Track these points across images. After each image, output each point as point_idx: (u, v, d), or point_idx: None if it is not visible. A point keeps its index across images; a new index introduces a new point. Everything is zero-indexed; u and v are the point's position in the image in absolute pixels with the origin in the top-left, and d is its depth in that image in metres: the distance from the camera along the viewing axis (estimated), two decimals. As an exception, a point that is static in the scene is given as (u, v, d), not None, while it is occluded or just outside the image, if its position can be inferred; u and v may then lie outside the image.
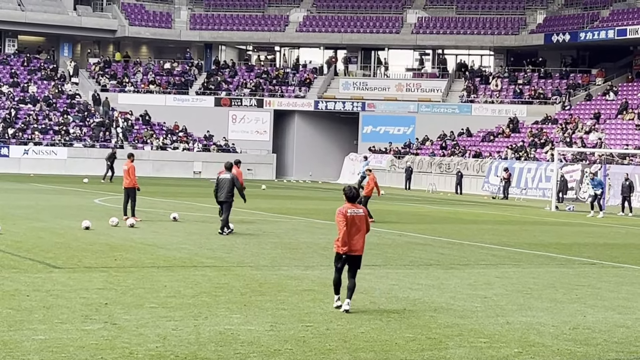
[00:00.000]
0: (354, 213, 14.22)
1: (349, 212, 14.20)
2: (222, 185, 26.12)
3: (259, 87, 77.11)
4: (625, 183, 44.73)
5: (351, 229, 14.17)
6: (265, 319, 13.35)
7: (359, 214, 14.29)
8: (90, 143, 69.25)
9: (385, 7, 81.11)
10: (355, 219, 14.21)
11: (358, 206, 14.40)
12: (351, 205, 14.30)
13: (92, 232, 24.70)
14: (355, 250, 14.23)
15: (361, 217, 14.28)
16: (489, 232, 30.59)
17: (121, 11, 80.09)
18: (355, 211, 14.25)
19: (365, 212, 14.51)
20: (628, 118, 63.85)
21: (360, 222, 14.26)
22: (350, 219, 14.16)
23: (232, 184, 26.06)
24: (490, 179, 59.73)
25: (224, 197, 26.03)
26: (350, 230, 14.15)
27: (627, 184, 44.74)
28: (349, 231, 14.14)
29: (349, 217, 14.15)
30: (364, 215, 14.34)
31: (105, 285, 15.87)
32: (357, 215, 14.24)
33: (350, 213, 14.19)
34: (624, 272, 20.97)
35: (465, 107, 72.34)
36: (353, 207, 14.29)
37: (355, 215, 14.21)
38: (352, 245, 14.18)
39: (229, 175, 26.20)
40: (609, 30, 68.51)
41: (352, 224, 14.18)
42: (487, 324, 13.74)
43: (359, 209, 14.36)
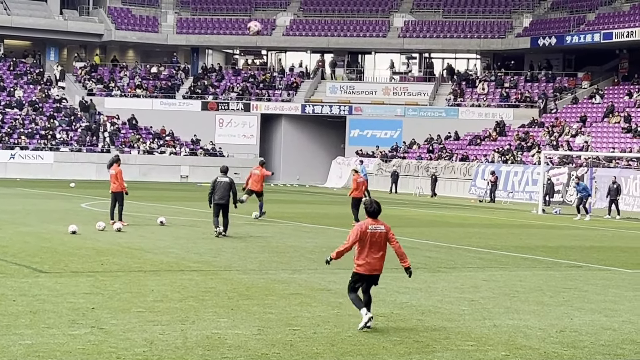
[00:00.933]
0: (374, 229, 13.14)
1: (370, 228, 13.13)
2: (219, 187, 26.60)
3: (245, 91, 77.10)
4: (612, 186, 44.85)
5: (371, 247, 13.12)
6: (252, 323, 13.34)
7: (380, 231, 13.20)
8: (77, 147, 69.10)
9: (372, 10, 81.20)
10: (375, 236, 13.14)
11: (380, 222, 13.27)
12: (372, 221, 13.23)
13: (78, 237, 24.64)
14: (376, 270, 13.28)
15: (382, 234, 13.20)
16: (476, 235, 30.63)
17: (107, 15, 79.97)
18: (376, 227, 13.17)
19: (388, 228, 13.31)
20: (614, 121, 64.04)
21: (380, 239, 13.19)
22: (370, 235, 13.09)
23: (229, 187, 26.62)
24: (477, 182, 59.82)
25: (222, 200, 26.46)
26: (370, 248, 13.12)
27: (615, 187, 44.87)
28: (368, 249, 13.10)
29: (368, 234, 13.08)
30: (385, 232, 13.22)
31: (92, 289, 15.83)
32: (377, 232, 13.15)
33: (370, 229, 13.12)
34: (611, 275, 21.02)
35: (452, 110, 72.46)
36: (374, 222, 13.21)
37: (375, 232, 13.13)
38: (372, 265, 13.20)
39: (227, 178, 26.86)
40: (595, 33, 68.73)
41: (372, 241, 13.12)
42: (474, 327, 13.75)
43: (380, 224, 13.23)
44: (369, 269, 13.24)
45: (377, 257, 13.23)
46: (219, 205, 26.62)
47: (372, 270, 13.27)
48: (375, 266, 13.28)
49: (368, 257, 13.18)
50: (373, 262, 13.22)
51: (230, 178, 27.07)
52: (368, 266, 13.22)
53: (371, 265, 13.22)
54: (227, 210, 26.74)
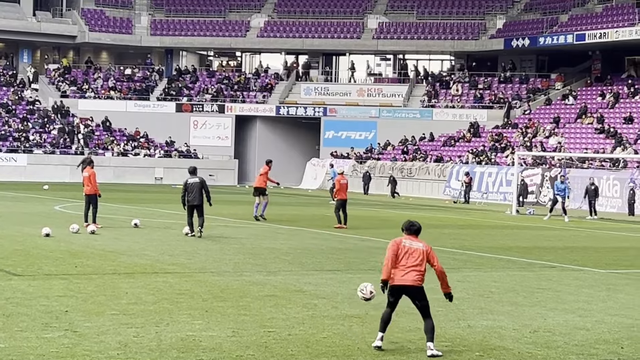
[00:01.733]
0: (409, 244, 12.28)
1: (405, 242, 12.30)
2: (191, 189, 26.82)
3: (220, 93, 76.98)
4: (590, 187, 44.96)
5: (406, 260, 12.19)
6: (227, 325, 13.32)
7: (416, 247, 12.24)
8: (51, 150, 68.78)
9: (346, 12, 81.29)
10: (410, 250, 12.22)
11: (420, 240, 12.36)
12: (411, 237, 12.40)
13: (52, 239, 24.52)
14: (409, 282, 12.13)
15: (418, 251, 12.19)
16: (450, 236, 30.70)
17: (81, 17, 79.65)
18: (411, 243, 12.29)
19: (428, 248, 12.30)
20: (587, 122, 64.37)
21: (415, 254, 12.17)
22: (404, 248, 12.23)
23: (201, 186, 26.89)
24: (451, 183, 59.99)
25: (195, 201, 26.70)
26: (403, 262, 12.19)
27: (593, 188, 45.05)
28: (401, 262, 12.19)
29: (401, 247, 12.25)
30: (423, 250, 12.21)
31: (66, 292, 15.76)
32: (412, 247, 12.24)
33: (405, 243, 12.28)
34: (584, 275, 21.12)
35: (426, 112, 72.64)
36: (410, 238, 12.36)
37: (409, 247, 12.26)
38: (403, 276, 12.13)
39: (197, 178, 27.08)
40: (568, 35, 69.06)
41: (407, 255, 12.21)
42: (448, 328, 13.79)
43: (419, 242, 12.30)
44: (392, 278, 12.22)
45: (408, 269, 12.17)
46: (192, 207, 26.82)
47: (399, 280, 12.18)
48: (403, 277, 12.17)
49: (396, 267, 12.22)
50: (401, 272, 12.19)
51: (200, 178, 27.35)
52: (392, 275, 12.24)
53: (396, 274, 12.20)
54: (202, 209, 26.94)
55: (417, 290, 12.16)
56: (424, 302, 12.18)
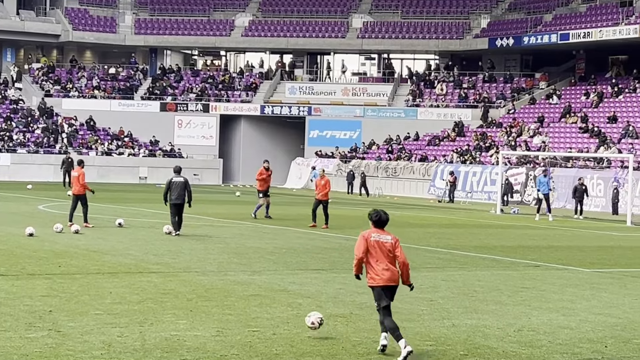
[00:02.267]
0: (378, 238, 12.07)
1: (373, 236, 12.07)
2: (174, 187, 27.22)
3: (204, 92, 76.88)
4: (580, 187, 44.89)
5: (379, 257, 11.99)
6: (211, 325, 13.30)
7: (386, 241, 12.06)
8: (34, 149, 68.55)
9: (331, 11, 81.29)
10: (380, 245, 12.03)
11: (387, 233, 12.16)
12: (378, 230, 12.18)
13: (35, 239, 24.44)
14: (392, 281, 12.02)
15: (387, 245, 12.02)
16: (434, 235, 30.74)
17: (65, 16, 79.41)
18: (380, 237, 12.08)
19: (395, 240, 12.09)
20: (571, 121, 64.54)
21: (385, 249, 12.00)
22: (372, 244, 12.01)
23: (184, 186, 27.28)
24: (436, 182, 60.06)
25: (178, 200, 27.10)
26: (377, 259, 11.98)
27: (583, 188, 44.98)
28: (375, 260, 11.97)
29: (371, 242, 12.02)
30: (391, 244, 12.02)
31: (50, 292, 15.70)
32: (382, 242, 12.04)
33: (373, 238, 12.06)
34: (568, 274, 21.17)
35: (411, 111, 72.71)
36: (378, 232, 12.14)
37: (379, 241, 12.05)
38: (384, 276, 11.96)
39: (181, 178, 27.48)
40: (552, 34, 69.23)
41: (378, 251, 12.00)
42: (433, 327, 13.80)
43: (387, 235, 12.09)
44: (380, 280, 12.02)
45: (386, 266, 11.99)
46: (175, 205, 27.15)
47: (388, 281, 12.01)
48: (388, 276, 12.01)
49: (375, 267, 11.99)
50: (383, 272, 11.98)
51: (184, 177, 27.72)
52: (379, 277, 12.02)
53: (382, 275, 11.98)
54: (182, 209, 27.31)
55: (396, 288, 12.14)
56: (392, 300, 12.10)
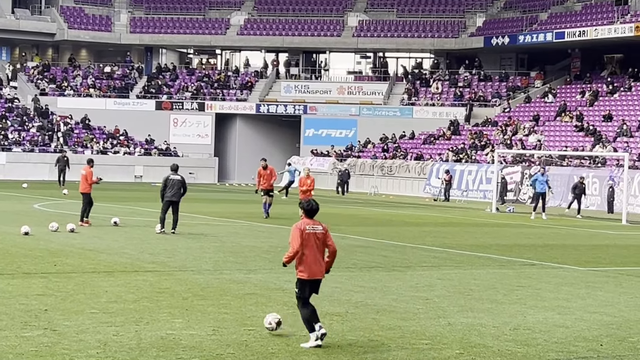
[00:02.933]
0: (312, 230, 12.19)
1: (307, 228, 12.16)
2: (171, 185, 27.37)
3: (200, 91, 76.84)
4: (581, 186, 44.70)
5: (312, 250, 12.14)
6: (207, 324, 13.29)
7: (318, 232, 12.23)
8: (30, 148, 68.48)
9: (326, 10, 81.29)
10: (314, 237, 12.17)
11: (318, 222, 12.29)
12: (310, 220, 12.28)
13: (31, 238, 24.42)
14: (320, 274, 12.25)
15: (320, 236, 12.22)
16: (430, 234, 30.75)
17: (60, 14, 79.32)
18: (313, 228, 12.21)
19: (326, 229, 12.33)
20: (566, 120, 64.60)
21: (318, 240, 12.21)
22: (307, 237, 12.13)
23: (181, 184, 27.46)
24: (431, 181, 60.07)
25: (174, 197, 27.26)
26: (310, 252, 12.12)
27: (583, 187, 44.80)
28: (308, 252, 12.11)
29: (305, 235, 12.12)
30: (323, 233, 12.24)
31: (45, 291, 15.69)
32: (316, 233, 12.19)
33: (308, 230, 12.16)
34: (564, 273, 21.19)
35: (406, 110, 72.71)
36: (312, 223, 12.26)
37: (313, 233, 12.17)
38: (314, 270, 12.17)
39: (178, 176, 27.65)
40: (547, 33, 69.29)
41: (312, 243, 12.15)
42: (428, 326, 13.80)
43: (318, 225, 12.25)
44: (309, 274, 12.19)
45: (317, 259, 12.20)
46: (170, 202, 27.35)
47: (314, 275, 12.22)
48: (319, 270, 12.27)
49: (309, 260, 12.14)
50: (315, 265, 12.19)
51: (181, 176, 27.87)
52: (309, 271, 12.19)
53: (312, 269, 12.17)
54: (178, 207, 27.49)
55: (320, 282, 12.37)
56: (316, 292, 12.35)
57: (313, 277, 12.19)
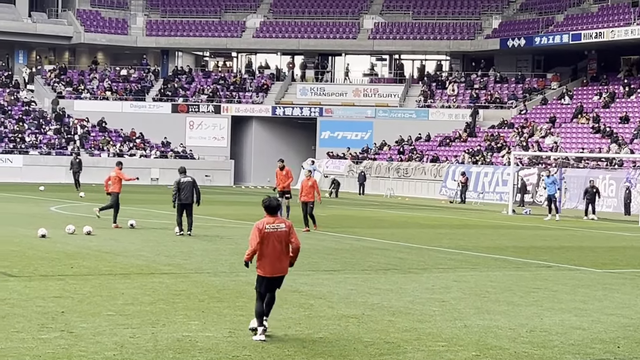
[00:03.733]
0: (272, 229, 12.39)
1: (267, 227, 12.35)
2: (183, 187, 27.46)
3: (216, 93, 76.95)
4: (591, 190, 44.46)
5: (273, 248, 12.42)
6: (223, 325, 13.31)
7: (281, 230, 12.43)
8: (46, 150, 68.71)
9: (342, 12, 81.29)
10: (275, 236, 12.41)
11: (281, 220, 12.49)
12: (272, 218, 12.49)
13: (48, 240, 24.50)
14: (280, 272, 12.59)
15: (282, 234, 12.41)
16: (446, 236, 30.71)
17: (76, 17, 79.60)
18: (275, 226, 12.40)
19: (289, 226, 12.49)
20: (583, 122, 64.42)
21: (280, 238, 12.43)
22: (267, 235, 12.36)
23: (192, 186, 27.55)
24: (447, 183, 59.99)
25: (187, 200, 27.37)
26: (270, 250, 12.41)
27: (594, 191, 44.51)
28: (269, 251, 12.39)
29: (265, 234, 12.34)
30: (286, 231, 12.42)
31: (62, 293, 15.74)
32: (278, 232, 12.39)
33: (268, 229, 12.36)
34: (580, 275, 21.13)
35: (422, 112, 72.65)
36: (274, 221, 12.46)
37: (274, 232, 12.38)
38: (274, 267, 12.50)
39: (189, 178, 27.76)
40: (564, 34, 69.12)
41: (272, 242, 12.41)
42: (444, 328, 13.78)
43: (281, 223, 12.43)
44: (270, 272, 12.52)
45: (279, 258, 12.49)
46: (184, 205, 27.41)
47: (274, 273, 12.55)
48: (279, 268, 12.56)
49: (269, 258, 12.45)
50: (276, 264, 12.50)
51: (192, 177, 28.01)
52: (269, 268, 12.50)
53: (273, 267, 12.49)
54: (191, 209, 27.56)
55: (283, 277, 12.72)
56: (279, 288, 12.76)
57: (272, 274, 12.53)
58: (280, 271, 12.63)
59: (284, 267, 12.64)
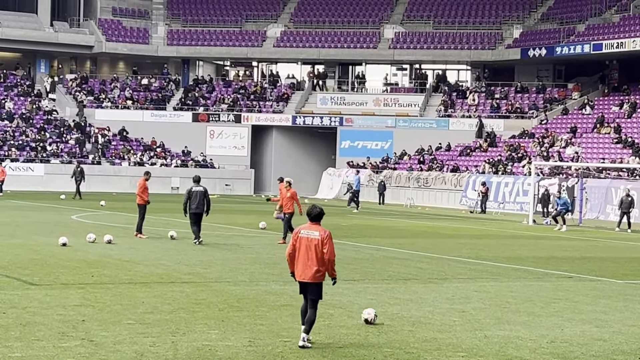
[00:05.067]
0: (305, 235, 12.76)
1: (301, 233, 12.79)
2: (194, 196, 27.68)
3: (236, 103, 77.09)
4: (626, 199, 43.72)
5: (302, 253, 12.73)
6: (243, 335, 13.31)
7: (312, 237, 12.72)
8: (68, 159, 68.97)
9: (363, 22, 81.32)
10: (306, 241, 12.73)
11: (317, 228, 12.77)
12: (310, 225, 12.84)
13: (69, 249, 24.59)
14: (304, 277, 12.73)
15: (313, 241, 12.69)
16: (466, 246, 30.64)
17: (98, 27, 79.94)
18: (308, 233, 12.75)
19: (323, 236, 12.71)
20: (604, 132, 64.18)
21: (310, 245, 12.70)
22: (300, 240, 12.76)
23: (204, 195, 27.72)
24: (468, 193, 59.87)
25: (197, 209, 27.55)
26: (300, 255, 12.72)
27: (629, 200, 43.67)
28: (299, 255, 12.72)
29: (298, 238, 12.76)
30: (318, 240, 12.69)
31: (82, 301, 15.79)
32: (309, 238, 12.72)
33: (302, 234, 12.77)
34: (601, 286, 21.04)
35: (442, 121, 72.55)
36: (310, 228, 12.81)
37: (306, 237, 12.73)
38: (300, 271, 12.75)
39: (201, 187, 27.88)
40: (585, 44, 68.90)
41: (303, 246, 12.74)
42: (465, 338, 13.74)
43: (315, 231, 12.73)
44: (296, 274, 12.88)
45: (306, 263, 12.70)
46: (196, 214, 27.60)
47: (299, 276, 12.81)
48: (304, 273, 12.72)
49: (297, 261, 12.80)
50: (301, 267, 12.76)
51: (204, 187, 28.05)
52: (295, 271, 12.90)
53: (298, 270, 12.81)
54: (201, 218, 27.81)
55: (315, 286, 12.73)
56: (313, 297, 12.73)
57: (300, 278, 12.78)
58: (306, 277, 12.70)
59: (309, 274, 12.69)
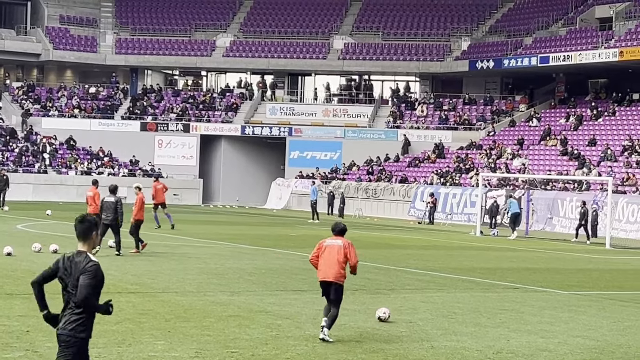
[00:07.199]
0: (330, 243, 14.72)
1: (327, 242, 14.77)
2: (105, 207, 26.70)
3: (185, 112, 76.82)
4: (580, 210, 44.30)
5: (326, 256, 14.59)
6: (190, 346, 13.24)
7: (336, 244, 14.65)
8: (13, 168, 68.25)
9: (312, 32, 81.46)
10: (330, 248, 14.62)
11: (340, 238, 14.76)
12: (333, 236, 14.83)
13: (13, 258, 24.31)
14: (325, 277, 14.51)
15: (336, 246, 14.60)
16: (414, 257, 30.75)
17: (45, 35, 79.28)
18: (333, 242, 14.73)
19: (345, 244, 14.66)
20: (551, 144, 64.81)
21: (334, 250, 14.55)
22: (325, 247, 14.67)
23: (115, 206, 26.62)
24: (416, 204, 60.11)
25: (106, 220, 26.37)
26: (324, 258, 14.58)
27: (582, 211, 44.30)
28: (323, 259, 14.57)
29: (323, 246, 14.70)
30: (340, 246, 14.61)
31: (27, 312, 15.61)
32: (333, 245, 14.64)
33: (327, 243, 14.75)
34: (547, 297, 21.21)
35: (391, 132, 72.83)
36: (333, 238, 14.79)
37: (330, 245, 14.67)
38: (322, 272, 14.56)
39: (112, 198, 26.95)
40: (532, 57, 69.57)
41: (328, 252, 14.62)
42: (412, 349, 13.78)
43: (339, 240, 14.72)
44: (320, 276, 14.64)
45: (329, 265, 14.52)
46: (105, 225, 26.50)
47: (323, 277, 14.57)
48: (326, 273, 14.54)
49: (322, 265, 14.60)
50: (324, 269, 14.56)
51: (117, 197, 27.07)
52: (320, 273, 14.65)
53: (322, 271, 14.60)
54: (117, 228, 26.70)
55: (337, 286, 14.45)
56: (334, 297, 14.46)
57: (321, 278, 14.58)
58: (327, 276, 14.48)
59: (330, 274, 14.43)
